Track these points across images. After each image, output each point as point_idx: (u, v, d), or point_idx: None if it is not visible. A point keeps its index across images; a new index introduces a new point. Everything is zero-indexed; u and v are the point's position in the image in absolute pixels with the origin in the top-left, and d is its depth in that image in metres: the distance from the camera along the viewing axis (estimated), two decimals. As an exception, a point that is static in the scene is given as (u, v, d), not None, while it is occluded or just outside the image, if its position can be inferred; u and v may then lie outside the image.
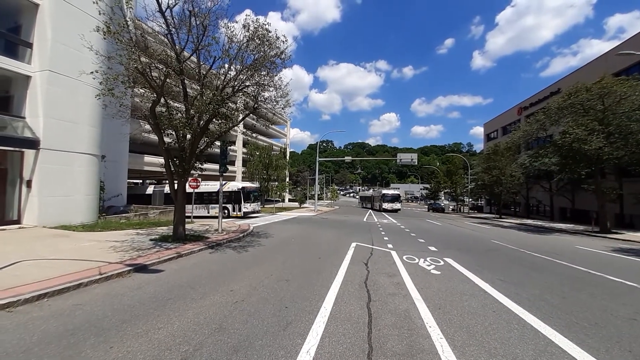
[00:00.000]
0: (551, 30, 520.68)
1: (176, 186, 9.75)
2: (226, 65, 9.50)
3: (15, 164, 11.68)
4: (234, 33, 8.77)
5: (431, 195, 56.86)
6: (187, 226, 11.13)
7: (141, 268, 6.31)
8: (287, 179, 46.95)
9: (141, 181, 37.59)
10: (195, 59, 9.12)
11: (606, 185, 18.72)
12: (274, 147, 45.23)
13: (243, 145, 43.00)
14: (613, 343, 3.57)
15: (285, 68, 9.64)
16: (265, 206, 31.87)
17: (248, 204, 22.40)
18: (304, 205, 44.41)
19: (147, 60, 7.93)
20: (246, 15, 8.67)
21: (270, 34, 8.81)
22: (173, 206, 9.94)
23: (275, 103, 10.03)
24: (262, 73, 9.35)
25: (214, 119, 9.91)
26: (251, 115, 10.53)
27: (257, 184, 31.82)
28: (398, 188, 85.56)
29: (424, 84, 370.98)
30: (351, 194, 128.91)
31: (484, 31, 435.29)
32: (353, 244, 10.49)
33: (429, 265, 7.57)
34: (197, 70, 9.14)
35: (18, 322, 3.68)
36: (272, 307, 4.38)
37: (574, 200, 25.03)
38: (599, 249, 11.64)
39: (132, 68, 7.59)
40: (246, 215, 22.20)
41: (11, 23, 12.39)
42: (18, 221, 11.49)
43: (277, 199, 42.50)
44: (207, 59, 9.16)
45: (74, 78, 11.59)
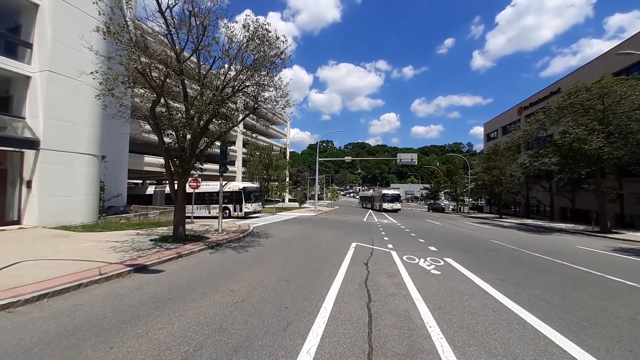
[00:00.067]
0: (551, 30, 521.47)
1: (176, 186, 9.75)
2: (226, 65, 9.52)
3: (15, 165, 11.68)
4: (234, 33, 8.77)
5: (431, 195, 56.86)
6: (187, 226, 11.13)
7: (141, 268, 6.30)
8: (287, 179, 46.95)
9: (141, 181, 37.55)
10: (195, 59, 9.12)
11: (606, 185, 18.72)
12: (274, 147, 45.24)
13: (243, 145, 43.00)
14: (613, 343, 3.57)
15: (285, 68, 9.66)
16: (265, 206, 31.84)
17: (249, 204, 22.39)
18: (304, 205, 44.41)
19: (147, 60, 7.93)
20: (246, 15, 8.69)
21: (270, 34, 8.81)
22: (174, 206, 9.93)
23: (275, 103, 10.03)
24: (262, 73, 9.35)
25: (214, 119, 9.91)
26: (251, 115, 10.53)
27: (257, 184, 31.82)
28: (398, 188, 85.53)
29: (424, 84, 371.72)
30: (351, 194, 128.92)
31: (484, 31, 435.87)
32: (353, 244, 10.49)
33: (429, 265, 7.57)
34: (197, 70, 9.14)
35: (18, 323, 3.68)
36: (272, 308, 4.38)
37: (574, 200, 25.02)
38: (599, 249, 11.63)
39: (132, 68, 7.59)
40: (247, 215, 22.20)
41: (11, 23, 12.39)
42: (18, 221, 11.49)
43: (277, 199, 42.49)
44: (207, 59, 9.17)
45: (74, 78, 11.60)
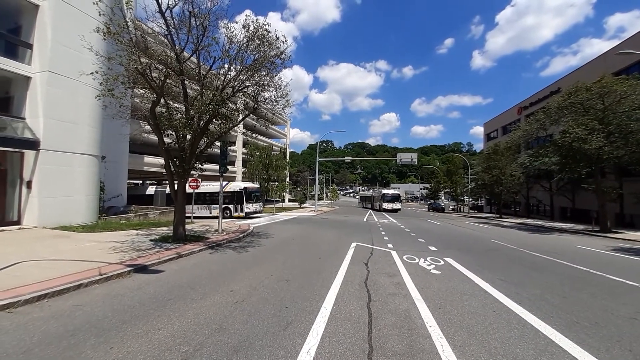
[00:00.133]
0: (551, 29, 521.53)
1: (176, 186, 9.76)
2: (226, 65, 9.52)
3: (15, 165, 11.68)
4: (234, 33, 8.78)
5: (431, 195, 56.86)
6: (187, 226, 11.13)
7: (141, 268, 6.31)
8: (287, 179, 46.95)
9: (141, 182, 37.53)
10: (195, 60, 9.12)
11: (606, 184, 18.71)
12: (274, 147, 45.22)
13: (243, 145, 43.00)
14: (613, 342, 3.57)
15: (285, 68, 9.66)
16: (265, 206, 31.86)
17: (250, 204, 22.37)
18: (304, 205, 44.42)
19: (147, 60, 7.94)
20: (246, 15, 8.68)
21: (270, 34, 8.82)
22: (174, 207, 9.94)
23: (275, 103, 10.03)
24: (262, 73, 9.36)
25: (214, 120, 9.91)
26: (251, 115, 10.53)
27: (258, 184, 31.82)
28: (398, 188, 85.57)
29: (424, 84, 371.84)
30: (351, 194, 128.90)
31: (484, 31, 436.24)
32: (353, 244, 10.49)
33: (429, 265, 7.57)
34: (197, 70, 9.15)
35: (18, 323, 3.68)
36: (273, 307, 4.38)
37: (574, 199, 25.02)
38: (600, 249, 11.63)
39: (132, 69, 7.60)
40: (248, 215, 22.18)
41: (11, 24, 12.40)
42: (18, 222, 11.49)
43: (277, 199, 42.48)
44: (207, 60, 9.17)
45: (74, 79, 11.61)
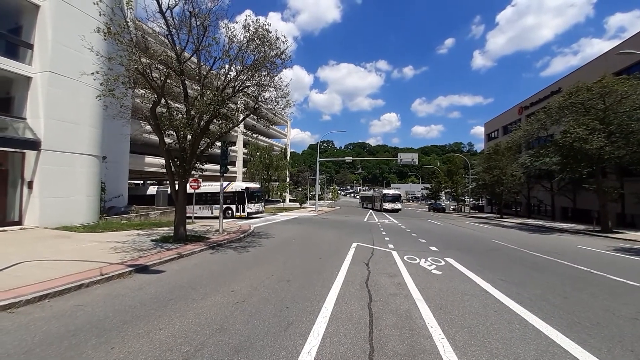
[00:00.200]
0: (552, 29, 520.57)
1: (177, 187, 9.76)
2: (226, 65, 9.52)
3: (16, 165, 11.70)
4: (234, 33, 8.78)
5: (432, 195, 56.83)
6: (188, 227, 11.14)
7: (142, 269, 6.31)
8: (288, 179, 46.94)
9: (142, 182, 37.55)
10: (195, 60, 9.12)
11: (607, 184, 18.68)
12: (275, 148, 45.26)
13: (244, 145, 43.03)
14: (615, 343, 3.56)
15: (285, 68, 9.64)
16: (266, 207, 31.88)
17: (252, 205, 22.36)
18: (305, 205, 44.42)
19: (148, 61, 7.95)
20: (246, 15, 8.68)
21: (270, 35, 8.81)
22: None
23: (275, 103, 10.03)
24: (263, 73, 9.35)
25: (215, 120, 9.90)
26: (252, 115, 10.53)
27: (259, 185, 31.84)
28: (399, 188, 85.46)
29: (425, 84, 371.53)
30: (352, 194, 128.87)
31: (485, 31, 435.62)
32: (354, 244, 10.48)
33: (430, 265, 7.56)
34: (198, 70, 9.15)
35: (20, 323, 3.68)
36: (273, 308, 4.38)
37: (575, 199, 24.99)
38: (601, 249, 11.61)
39: (133, 69, 7.60)
40: (250, 215, 22.18)
41: (12, 24, 12.42)
42: (19, 222, 11.51)
43: (278, 200, 42.47)
44: (208, 60, 9.18)
45: (75, 79, 11.62)
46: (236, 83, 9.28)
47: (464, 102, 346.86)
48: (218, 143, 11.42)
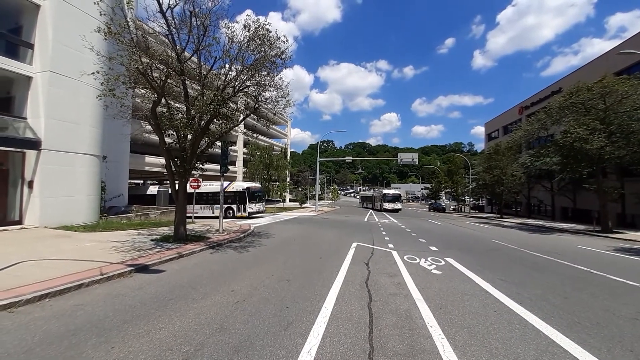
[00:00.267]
0: (552, 29, 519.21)
1: (177, 186, 9.77)
2: (227, 65, 9.52)
3: (16, 165, 11.71)
4: (235, 33, 8.77)
5: (432, 195, 56.88)
6: (188, 226, 11.15)
7: (142, 268, 6.31)
8: (288, 179, 46.97)
9: (142, 181, 37.60)
10: (196, 60, 9.12)
11: (608, 184, 18.67)
12: (275, 147, 45.27)
13: (244, 145, 43.04)
14: (615, 343, 3.56)
15: (285, 68, 9.63)
16: (266, 206, 31.91)
17: (253, 204, 22.39)
18: (305, 205, 44.43)
19: (148, 60, 7.94)
20: (247, 15, 8.67)
21: (270, 34, 8.81)
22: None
23: (276, 103, 10.03)
24: (263, 73, 9.35)
25: (215, 120, 9.91)
26: (252, 115, 10.53)
27: (259, 184, 31.86)
28: (399, 188, 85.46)
29: (425, 84, 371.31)
30: (352, 194, 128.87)
31: (485, 31, 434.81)
32: (354, 244, 10.49)
33: (430, 265, 7.56)
34: (198, 70, 9.15)
35: (20, 323, 3.69)
36: (273, 307, 4.38)
37: (576, 199, 24.97)
38: (601, 249, 11.60)
39: (133, 68, 7.60)
40: (251, 215, 22.21)
41: (12, 24, 12.43)
42: (20, 222, 11.52)
43: (278, 199, 42.48)
44: (208, 60, 9.18)
45: (75, 79, 11.62)
46: (236, 83, 9.28)
47: (464, 102, 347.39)
48: (218, 143, 11.42)
